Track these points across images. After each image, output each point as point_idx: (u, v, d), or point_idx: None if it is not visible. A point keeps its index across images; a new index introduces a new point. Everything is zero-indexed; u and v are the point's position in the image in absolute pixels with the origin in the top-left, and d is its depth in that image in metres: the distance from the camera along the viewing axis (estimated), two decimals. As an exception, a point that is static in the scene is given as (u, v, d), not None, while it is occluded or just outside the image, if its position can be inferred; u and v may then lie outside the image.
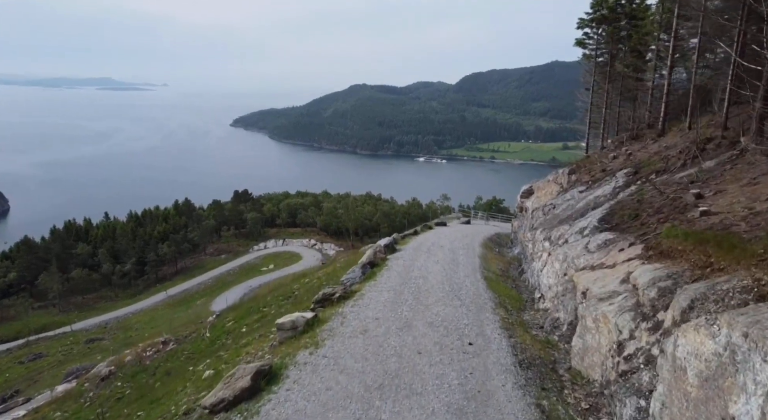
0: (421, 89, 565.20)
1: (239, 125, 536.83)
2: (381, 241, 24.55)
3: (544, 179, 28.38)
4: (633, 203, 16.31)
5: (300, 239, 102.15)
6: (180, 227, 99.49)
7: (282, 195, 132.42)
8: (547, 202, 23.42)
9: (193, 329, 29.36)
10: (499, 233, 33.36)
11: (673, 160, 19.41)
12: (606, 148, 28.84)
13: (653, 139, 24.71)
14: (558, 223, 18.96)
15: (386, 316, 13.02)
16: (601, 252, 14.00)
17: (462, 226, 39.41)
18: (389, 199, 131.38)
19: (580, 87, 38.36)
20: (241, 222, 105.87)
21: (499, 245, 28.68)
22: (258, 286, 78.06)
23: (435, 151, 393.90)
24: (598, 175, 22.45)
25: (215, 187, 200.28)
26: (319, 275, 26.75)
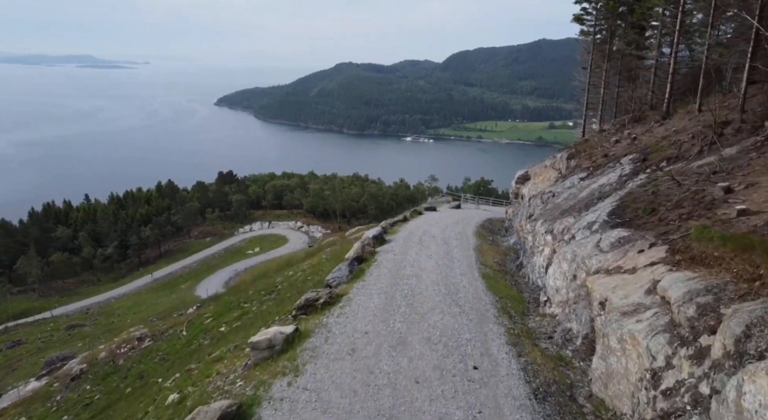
0: (408, 68, 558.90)
1: (224, 104, 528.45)
2: (369, 232, 22.90)
3: (540, 164, 26.79)
4: (647, 195, 14.78)
5: (286, 221, 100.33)
6: (163, 209, 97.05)
7: (268, 176, 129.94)
8: (546, 190, 21.89)
9: (171, 324, 27.70)
10: (491, 219, 31.89)
11: (686, 145, 17.86)
12: (606, 130, 27.23)
13: (658, 122, 23.16)
14: (560, 215, 17.43)
15: (377, 330, 11.44)
16: (616, 252, 12.48)
17: (452, 210, 37.84)
18: (377, 180, 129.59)
19: (576, 66, 36.62)
20: (226, 204, 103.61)
21: (493, 233, 27.23)
22: (244, 269, 76.53)
23: (422, 131, 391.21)
24: (600, 160, 20.89)
25: (200, 168, 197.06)
26: (303, 267, 25.09)
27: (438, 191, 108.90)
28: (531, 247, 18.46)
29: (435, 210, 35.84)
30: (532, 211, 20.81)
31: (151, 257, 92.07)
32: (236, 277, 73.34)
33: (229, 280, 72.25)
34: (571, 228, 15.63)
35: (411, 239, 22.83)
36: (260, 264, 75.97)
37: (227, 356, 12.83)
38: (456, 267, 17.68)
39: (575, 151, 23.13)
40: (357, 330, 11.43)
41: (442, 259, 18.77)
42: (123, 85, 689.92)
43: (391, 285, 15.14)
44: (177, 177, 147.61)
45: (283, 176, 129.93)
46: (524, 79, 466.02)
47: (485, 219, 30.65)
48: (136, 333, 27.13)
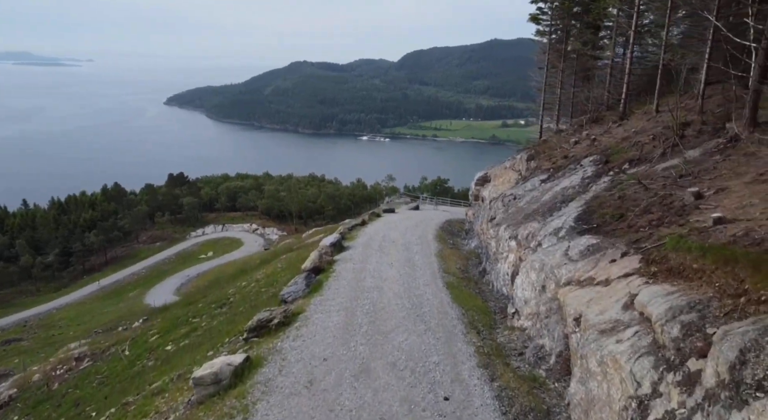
0: (364, 67, 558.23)
1: (174, 103, 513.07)
2: (326, 240, 21.83)
3: (500, 165, 26.34)
4: (614, 200, 14.34)
5: (241, 224, 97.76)
6: (109, 214, 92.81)
7: (221, 178, 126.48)
8: (506, 192, 21.40)
9: (113, 340, 25.84)
10: (450, 220, 31.38)
11: (647, 147, 17.63)
12: (564, 131, 27.07)
13: (616, 123, 23.06)
14: (524, 219, 16.88)
15: (337, 355, 10.44)
16: (586, 261, 11.89)
17: (411, 212, 37.17)
18: (333, 180, 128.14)
19: (528, 65, 36.55)
20: (176, 207, 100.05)
21: (453, 235, 26.66)
22: (196, 275, 73.91)
23: (378, 130, 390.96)
24: (560, 162, 20.55)
25: (149, 170, 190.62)
26: (258, 277, 23.76)
27: (395, 191, 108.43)
28: (494, 253, 17.85)
29: (394, 212, 35.10)
30: (494, 214, 20.26)
31: (96, 264, 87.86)
32: (188, 283, 70.74)
33: (180, 286, 69.54)
34: (537, 234, 15.06)
35: (371, 245, 21.94)
36: (213, 269, 73.58)
37: (169, 388, 11.57)
38: (419, 276, 16.88)
39: (535, 152, 22.77)
40: (315, 356, 10.40)
41: (404, 268, 17.94)
42: (66, 84, 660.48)
43: (352, 299, 14.18)
44: (124, 179, 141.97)
45: (237, 177, 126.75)
46: (477, 78, 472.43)
47: (444, 220, 30.09)
48: (74, 352, 25.18)
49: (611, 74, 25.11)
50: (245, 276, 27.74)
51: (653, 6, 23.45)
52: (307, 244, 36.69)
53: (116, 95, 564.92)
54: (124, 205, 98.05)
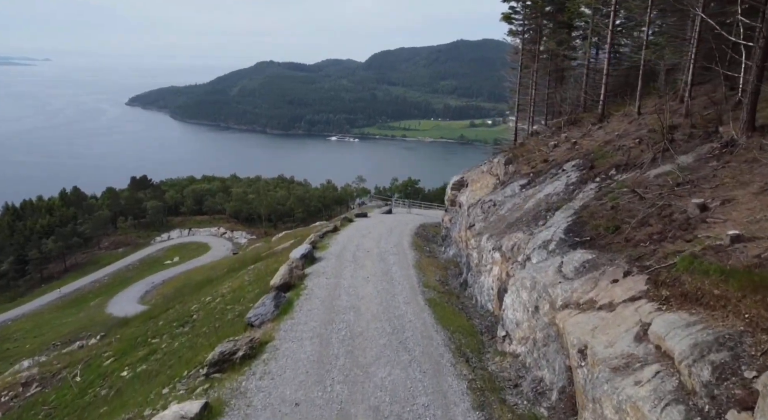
0: (331, 67, 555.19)
1: (136, 104, 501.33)
2: (296, 252, 20.40)
3: (476, 169, 25.29)
4: (605, 210, 13.28)
5: (208, 228, 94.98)
6: (68, 219, 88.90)
7: (187, 180, 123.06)
8: (485, 198, 20.35)
9: (66, 362, 23.82)
10: (424, 224, 30.29)
11: (634, 151, 16.74)
12: (541, 134, 26.20)
13: (595, 125, 22.25)
14: (507, 229, 15.78)
15: (310, 398, 9.09)
16: (584, 280, 10.78)
17: (384, 216, 35.88)
18: (303, 182, 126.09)
19: (493, 66, 35.98)
20: (140, 211, 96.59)
21: (428, 241, 25.58)
22: (161, 281, 71.24)
23: (347, 130, 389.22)
24: (540, 166, 19.58)
25: (110, 173, 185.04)
26: (223, 292, 22.08)
27: (366, 192, 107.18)
28: (477, 265, 16.76)
29: (366, 216, 33.87)
30: (472, 221, 19.20)
31: (55, 272, 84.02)
32: (153, 290, 68.07)
33: (144, 294, 66.81)
34: (524, 246, 13.97)
35: (344, 256, 20.62)
36: (180, 275, 71.00)
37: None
38: (398, 292, 15.64)
39: (513, 156, 21.75)
40: (285, 400, 9.03)
41: (381, 282, 16.68)
42: (19, 84, 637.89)
43: (326, 323, 12.82)
44: (84, 183, 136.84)
45: (203, 180, 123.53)
46: (445, 78, 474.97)
47: (419, 225, 29.03)
48: (22, 375, 23.10)
49: (587, 75, 24.32)
50: (211, 288, 25.93)
51: (632, 4, 22.72)
52: (276, 251, 35.04)
53: (75, 95, 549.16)
54: (85, 210, 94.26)
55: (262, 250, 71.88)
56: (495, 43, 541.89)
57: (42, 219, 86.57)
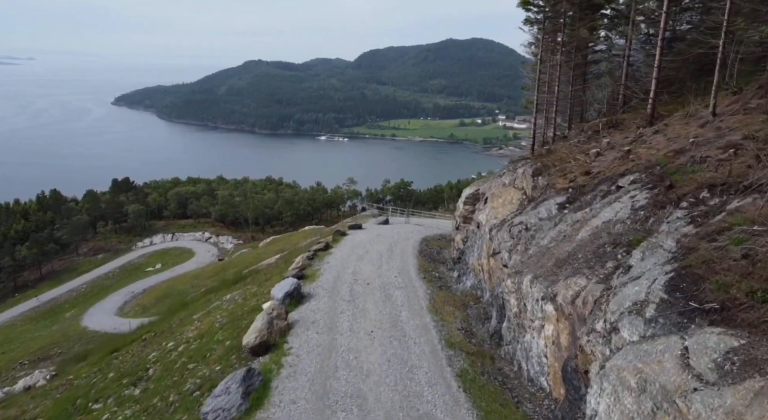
0: (320, 66, 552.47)
1: (122, 103, 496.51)
2: (278, 290, 16.37)
3: (495, 180, 21.41)
4: (731, 258, 8.42)
5: (192, 232, 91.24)
6: (45, 224, 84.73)
7: (171, 182, 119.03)
8: (512, 219, 16.65)
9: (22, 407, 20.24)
10: (426, 238, 27.11)
11: (737, 166, 12.94)
12: (574, 138, 22.70)
13: (645, 128, 18.50)
14: (557, 268, 11.81)
15: None
16: (740, 390, 5.93)
17: (380, 227, 32.48)
18: (292, 183, 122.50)
19: (487, 66, 32.58)
20: (121, 215, 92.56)
21: (435, 261, 22.41)
22: (142, 291, 67.59)
23: (336, 130, 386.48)
24: (581, 179, 15.67)
25: (93, 174, 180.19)
26: (188, 337, 18.24)
27: (357, 194, 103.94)
28: (517, 316, 13.04)
29: (360, 228, 30.58)
30: (498, 247, 15.83)
31: (30, 280, 79.88)
32: (132, 300, 64.38)
33: (123, 304, 63.12)
34: (593, 301, 10.07)
35: (339, 291, 17.29)
36: (162, 284, 67.36)
37: None
38: (415, 362, 12.19)
39: (542, 166, 18.24)
40: None
41: (391, 341, 13.32)
42: (3, 83, 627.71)
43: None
44: (65, 185, 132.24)
45: (188, 182, 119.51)
46: (434, 77, 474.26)
47: (421, 240, 25.89)
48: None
49: (627, 66, 21.04)
50: (172, 337, 21.44)
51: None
52: (260, 268, 31.59)
53: (60, 95, 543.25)
54: (63, 214, 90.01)
55: (248, 258, 68.47)
56: (484, 43, 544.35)
57: (17, 224, 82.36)
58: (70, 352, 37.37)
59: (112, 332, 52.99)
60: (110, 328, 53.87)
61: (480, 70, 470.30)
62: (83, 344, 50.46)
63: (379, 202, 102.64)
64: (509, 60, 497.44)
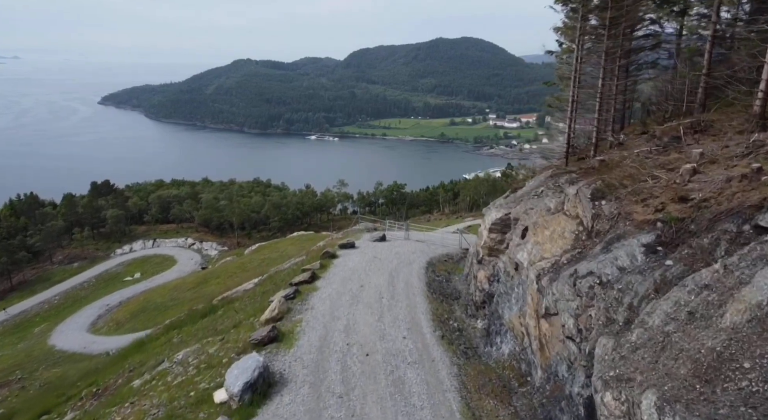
0: (309, 65, 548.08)
1: (109, 103, 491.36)
2: (235, 375, 11.99)
3: (531, 200, 16.46)
4: None
5: (175, 239, 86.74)
6: (16, 231, 79.97)
7: (154, 185, 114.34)
8: (570, 261, 11.63)
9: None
10: (432, 261, 23.09)
11: None
12: (630, 145, 17.71)
13: (758, 134, 13.89)
14: (704, 382, 6.47)
15: None
16: None
17: (377, 247, 27.73)
18: (280, 186, 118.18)
19: (477, 65, 28.32)
20: (99, 221, 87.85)
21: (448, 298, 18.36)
22: (118, 303, 63.17)
23: (327, 129, 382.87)
24: (674, 208, 10.92)
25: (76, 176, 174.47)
26: (159, 388, 14.38)
27: (348, 197, 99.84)
28: None
29: (353, 247, 26.49)
30: (554, 305, 11.40)
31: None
32: (107, 314, 60.02)
33: (97, 319, 58.78)
34: None
35: (325, 377, 12.56)
36: (139, 296, 62.99)
37: None
38: None
39: (604, 186, 13.41)
40: None
41: None
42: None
43: None
44: (44, 188, 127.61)
45: (172, 184, 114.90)
46: (424, 76, 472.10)
47: (426, 265, 21.90)
48: None
49: (713, 49, 16.49)
50: (139, 391, 17.21)
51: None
52: (235, 295, 27.35)
53: (45, 94, 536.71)
54: (38, 219, 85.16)
55: (231, 267, 64.32)
56: (474, 41, 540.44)
57: (-14, 231, 77.53)
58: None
59: (81, 352, 48.81)
60: (79, 348, 49.61)
61: (470, 69, 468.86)
62: (48, 367, 46.29)
63: (371, 205, 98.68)
64: (499, 59, 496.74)
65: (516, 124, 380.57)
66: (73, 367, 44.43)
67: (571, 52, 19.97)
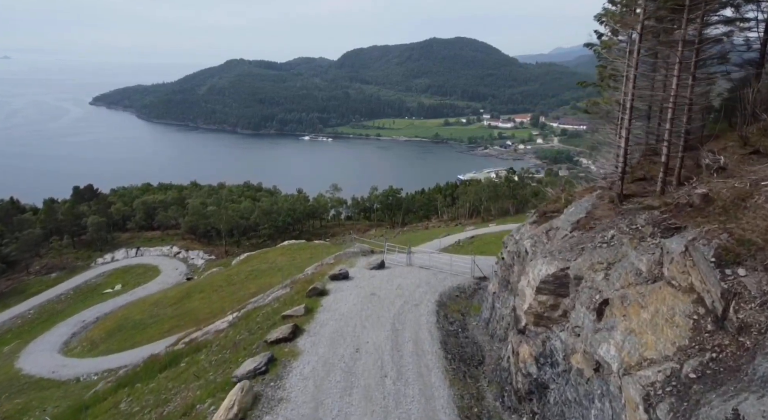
0: (303, 65, 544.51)
1: (101, 103, 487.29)
2: None
3: (600, 245, 11.99)
4: None
5: (159, 247, 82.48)
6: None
7: (139, 189, 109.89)
8: (701, 379, 7.27)
9: None
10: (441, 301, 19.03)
11: None
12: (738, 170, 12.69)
13: None
14: None
15: None
16: None
17: (375, 277, 23.26)
18: (272, 189, 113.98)
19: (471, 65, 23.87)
20: (79, 228, 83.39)
21: (466, 362, 14.31)
22: (95, 319, 58.97)
23: (320, 130, 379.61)
24: None
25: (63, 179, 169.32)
26: None
27: (341, 203, 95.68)
28: None
29: (347, 278, 22.43)
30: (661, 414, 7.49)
31: (-29, 305, 70.59)
32: (82, 332, 55.81)
33: (71, 338, 54.56)
34: None
35: None
36: (117, 312, 58.78)
37: None
38: None
39: (736, 244, 8.85)
40: None
41: None
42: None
43: None
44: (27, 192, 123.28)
45: (158, 189, 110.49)
46: (418, 76, 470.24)
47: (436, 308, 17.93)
48: None
49: None
50: None
51: None
52: (207, 340, 23.08)
53: (36, 95, 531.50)
54: (15, 227, 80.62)
55: (217, 280, 60.15)
56: (467, 42, 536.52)
57: (-42, 240, 73.08)
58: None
59: (49, 378, 44.59)
60: (48, 372, 45.32)
61: (464, 69, 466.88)
62: (11, 396, 42.03)
63: (366, 211, 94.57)
64: (493, 59, 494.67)
65: (510, 124, 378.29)
66: (38, 396, 40.32)
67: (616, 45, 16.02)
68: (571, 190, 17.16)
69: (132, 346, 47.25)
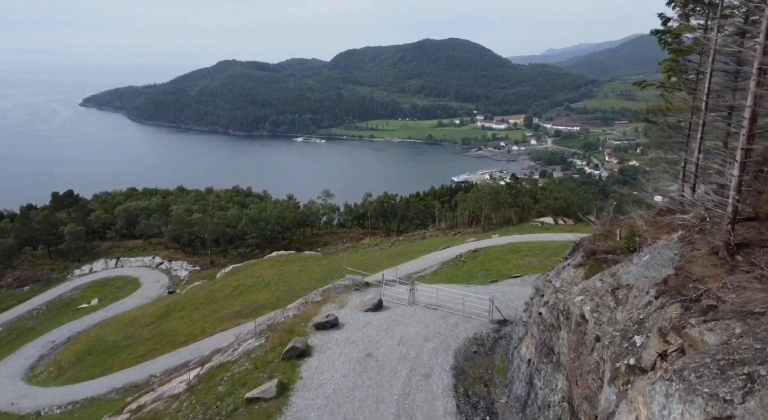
0: (296, 66, 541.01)
1: (91, 104, 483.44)
2: None
3: None
4: None
5: (141, 257, 77.86)
6: (-40, 251, 70.83)
7: (123, 195, 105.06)
8: None
9: None
10: (457, 363, 14.50)
11: None
12: None
13: None
14: None
15: None
16: None
17: (371, 323, 18.61)
18: (262, 194, 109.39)
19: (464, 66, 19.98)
20: (56, 237, 78.65)
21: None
22: (66, 339, 54.49)
23: (313, 131, 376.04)
24: None
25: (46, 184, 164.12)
26: None
27: (334, 210, 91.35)
28: None
29: (336, 326, 18.13)
30: None
31: (-64, 321, 65.79)
32: (51, 354, 51.41)
33: (38, 361, 50.15)
34: None
35: None
36: (91, 331, 54.26)
37: None
38: None
39: None
40: None
41: None
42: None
43: None
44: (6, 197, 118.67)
45: (143, 194, 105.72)
46: (411, 77, 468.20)
47: (451, 372, 13.74)
48: None
49: None
50: None
51: None
52: (156, 410, 18.65)
53: (26, 95, 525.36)
54: (-14, 236, 75.92)
55: (200, 295, 55.74)
56: (461, 43, 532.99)
57: (-77, 252, 68.27)
58: None
59: (7, 411, 40.05)
60: (6, 404, 40.75)
61: (457, 70, 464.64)
62: (-40, 434, 37.61)
63: (360, 218, 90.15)
64: (486, 60, 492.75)
65: (504, 125, 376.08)
66: (-9, 434, 36.04)
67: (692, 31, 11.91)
68: (624, 223, 13.05)
69: (101, 372, 42.90)
